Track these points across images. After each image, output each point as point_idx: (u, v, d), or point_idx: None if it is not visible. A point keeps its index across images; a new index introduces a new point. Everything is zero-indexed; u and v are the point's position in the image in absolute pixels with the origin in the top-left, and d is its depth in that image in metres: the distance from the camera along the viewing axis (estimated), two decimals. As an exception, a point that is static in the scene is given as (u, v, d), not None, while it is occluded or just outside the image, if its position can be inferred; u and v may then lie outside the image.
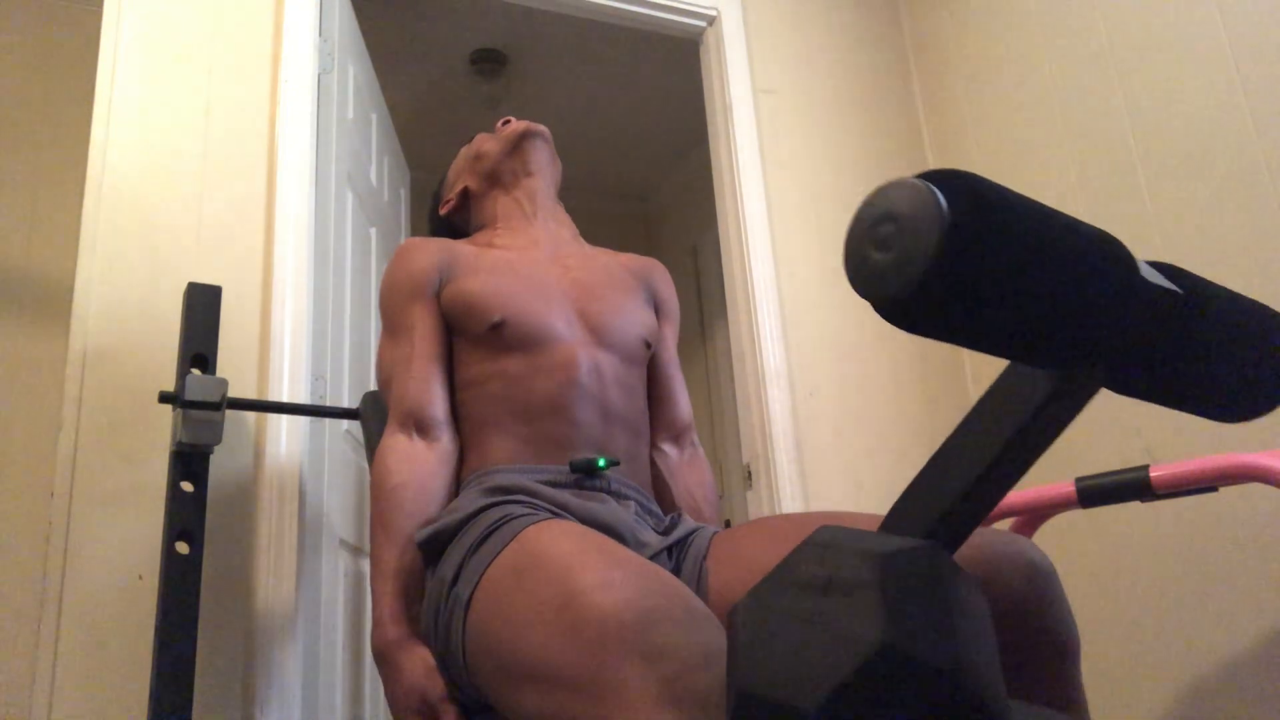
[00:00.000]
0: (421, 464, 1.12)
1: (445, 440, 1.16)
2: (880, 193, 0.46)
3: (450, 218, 1.44)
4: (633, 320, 1.25)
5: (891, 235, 0.44)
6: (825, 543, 0.55)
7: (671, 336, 1.37)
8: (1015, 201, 0.46)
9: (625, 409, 1.19)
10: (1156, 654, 1.85)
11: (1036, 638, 0.84)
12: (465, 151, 1.45)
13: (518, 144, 1.37)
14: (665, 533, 1.14)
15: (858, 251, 0.46)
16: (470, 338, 1.18)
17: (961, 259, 0.43)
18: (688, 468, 1.31)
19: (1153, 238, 1.91)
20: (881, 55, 2.63)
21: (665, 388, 1.33)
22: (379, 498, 1.11)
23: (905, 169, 2.53)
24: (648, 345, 1.26)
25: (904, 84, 2.64)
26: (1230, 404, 0.61)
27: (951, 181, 0.45)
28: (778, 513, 2.03)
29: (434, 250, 1.23)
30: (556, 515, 1.03)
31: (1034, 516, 1.66)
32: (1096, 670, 1.94)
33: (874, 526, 0.91)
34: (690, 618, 0.75)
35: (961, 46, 2.48)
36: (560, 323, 1.18)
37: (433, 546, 1.05)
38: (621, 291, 1.28)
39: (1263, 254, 1.71)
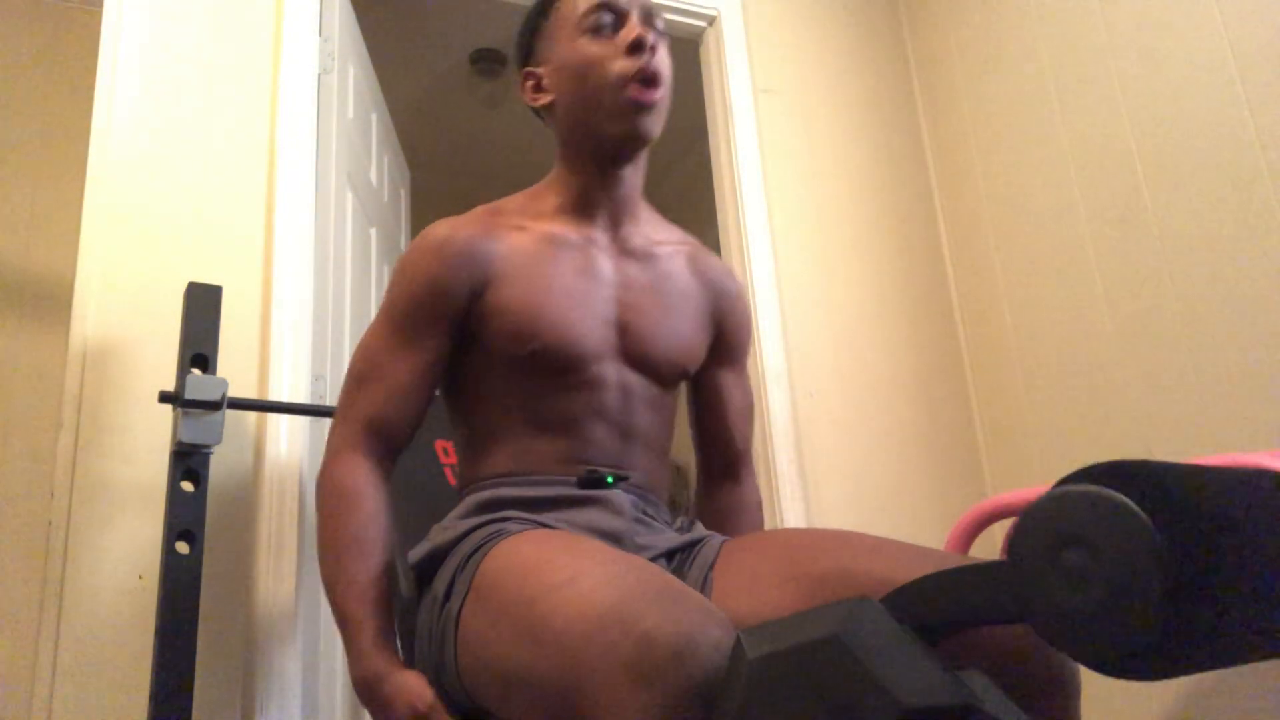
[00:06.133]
0: (384, 493, 1.07)
1: (390, 471, 1.10)
2: (1054, 503, 0.34)
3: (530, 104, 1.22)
4: (677, 347, 1.16)
5: (1085, 565, 0.33)
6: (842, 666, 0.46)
7: (738, 378, 1.28)
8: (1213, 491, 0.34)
9: (648, 429, 1.13)
10: (1156, 654, 1.85)
11: (1038, 675, 0.83)
12: (579, 46, 1.14)
13: (633, 134, 1.16)
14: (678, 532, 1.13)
15: (1042, 588, 0.34)
16: (494, 352, 1.09)
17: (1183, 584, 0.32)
18: (751, 511, 1.29)
19: (1154, 241, 1.91)
20: (882, 55, 2.63)
21: (726, 430, 1.27)
22: (353, 516, 1.03)
23: (906, 168, 2.53)
24: (686, 374, 1.19)
25: (904, 83, 2.64)
26: None
27: (1139, 485, 0.33)
28: (777, 511, 2.03)
29: (473, 254, 1.09)
30: (546, 528, 1.01)
31: (1034, 517, 1.66)
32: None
33: (881, 551, 0.91)
34: (665, 597, 0.74)
35: (961, 46, 2.48)
36: (596, 340, 1.10)
37: (428, 566, 1.03)
38: (675, 310, 1.17)
39: (1264, 257, 1.70)
